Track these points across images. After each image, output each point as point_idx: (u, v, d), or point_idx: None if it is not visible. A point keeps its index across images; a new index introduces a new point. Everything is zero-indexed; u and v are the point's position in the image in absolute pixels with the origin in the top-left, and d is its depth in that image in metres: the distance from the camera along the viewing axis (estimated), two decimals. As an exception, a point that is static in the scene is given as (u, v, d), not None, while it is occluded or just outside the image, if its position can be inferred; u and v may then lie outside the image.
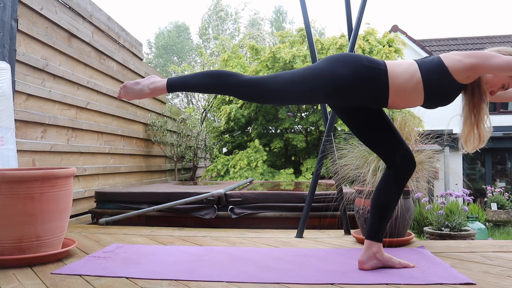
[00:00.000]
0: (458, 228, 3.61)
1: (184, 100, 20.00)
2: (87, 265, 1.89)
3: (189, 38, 24.76)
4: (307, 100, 1.94)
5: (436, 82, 1.66)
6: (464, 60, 1.63)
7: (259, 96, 1.77)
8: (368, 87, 1.69)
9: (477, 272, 1.78)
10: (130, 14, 37.05)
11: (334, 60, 1.70)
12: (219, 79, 1.75)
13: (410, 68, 1.68)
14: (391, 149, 1.82)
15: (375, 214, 1.82)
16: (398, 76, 1.67)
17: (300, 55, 7.29)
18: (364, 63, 1.68)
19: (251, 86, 1.72)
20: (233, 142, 8.24)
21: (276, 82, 1.71)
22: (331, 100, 1.78)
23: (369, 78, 1.67)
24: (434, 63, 1.67)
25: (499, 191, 7.86)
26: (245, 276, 1.72)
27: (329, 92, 1.70)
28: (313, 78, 1.68)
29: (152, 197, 3.58)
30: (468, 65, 1.63)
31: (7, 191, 1.87)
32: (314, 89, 1.69)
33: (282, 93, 1.73)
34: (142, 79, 1.81)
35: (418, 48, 13.37)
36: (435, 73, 1.66)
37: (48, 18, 3.52)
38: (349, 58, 1.70)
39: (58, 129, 3.66)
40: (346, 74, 1.65)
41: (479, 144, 1.74)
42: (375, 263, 1.81)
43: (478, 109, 1.72)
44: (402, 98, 1.70)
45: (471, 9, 41.38)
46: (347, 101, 1.76)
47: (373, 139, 1.87)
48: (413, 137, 2.43)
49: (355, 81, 1.66)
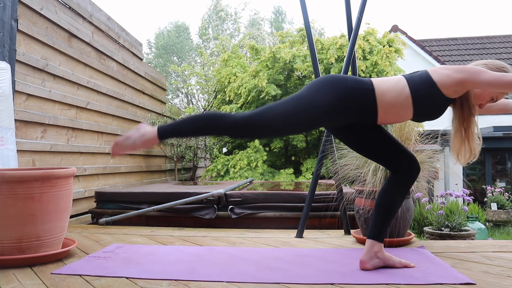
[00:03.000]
0: (458, 228, 3.61)
1: (184, 100, 20.00)
2: (87, 265, 1.89)
3: (189, 38, 24.75)
4: (304, 129, 1.93)
5: (424, 97, 1.66)
6: (452, 75, 1.64)
7: (255, 135, 1.80)
8: (356, 109, 1.69)
9: (477, 272, 1.78)
10: (130, 14, 37.05)
11: (321, 85, 1.69)
12: (209, 122, 1.75)
13: (398, 84, 1.68)
14: (394, 157, 1.83)
15: (379, 215, 1.83)
16: (386, 93, 1.67)
17: (300, 55, 7.29)
18: (350, 85, 1.68)
19: (245, 125, 1.71)
20: (233, 142, 8.23)
21: (269, 120, 1.70)
22: (324, 124, 1.81)
23: (357, 101, 1.67)
24: (423, 78, 1.68)
25: (499, 191, 7.85)
26: (245, 276, 1.72)
27: (322, 119, 1.71)
28: (304, 109, 1.67)
29: (152, 197, 3.58)
30: (457, 80, 1.63)
31: (7, 191, 1.87)
32: (307, 119, 1.69)
33: (277, 129, 1.76)
34: (132, 132, 1.78)
35: (418, 48, 13.36)
36: (424, 88, 1.66)
37: (48, 18, 3.52)
38: (335, 82, 1.69)
39: (58, 129, 3.66)
40: (335, 99, 1.65)
41: (470, 157, 1.74)
42: (377, 263, 1.81)
43: (468, 122, 1.73)
44: (390, 114, 1.71)
45: (471, 9, 41.39)
46: (338, 123, 1.78)
47: (373, 151, 1.88)
48: (413, 137, 2.43)
49: (343, 105, 1.67)
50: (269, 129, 1.75)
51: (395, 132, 2.43)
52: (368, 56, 7.43)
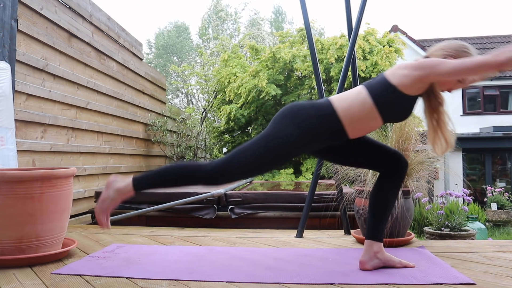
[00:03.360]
0: (458, 228, 3.61)
1: (184, 100, 20.01)
2: (87, 265, 1.89)
3: (189, 38, 24.75)
4: (278, 164, 1.87)
5: (389, 102, 1.63)
6: (411, 74, 1.61)
7: (231, 180, 1.76)
8: (324, 135, 1.68)
9: (477, 272, 1.78)
10: (130, 14, 37.06)
11: (284, 121, 1.68)
12: (184, 175, 1.75)
13: (359, 97, 1.66)
14: (381, 160, 1.82)
15: (374, 215, 1.83)
16: (349, 110, 1.64)
17: (300, 55, 7.30)
18: (312, 114, 1.66)
19: (219, 173, 1.71)
20: (233, 142, 8.24)
21: (241, 164, 1.70)
22: (298, 155, 1.78)
23: (322, 128, 1.66)
24: (382, 84, 1.65)
25: (499, 191, 7.85)
26: (245, 276, 1.72)
27: (293, 152, 1.70)
28: (273, 147, 1.66)
29: (152, 197, 3.57)
30: (416, 78, 1.61)
31: (7, 191, 1.87)
32: (279, 155, 1.69)
33: (251, 171, 1.75)
34: (106, 193, 1.78)
35: (418, 48, 13.36)
36: (385, 94, 1.63)
37: (48, 18, 3.52)
38: (296, 115, 1.67)
39: (58, 129, 3.66)
40: (300, 132, 1.64)
41: (447, 148, 1.71)
42: (376, 263, 1.80)
43: (438, 113, 1.70)
44: (360, 128, 1.69)
45: (471, 9, 41.39)
46: (312, 150, 1.78)
47: (360, 161, 1.87)
48: (413, 137, 2.43)
49: (310, 135, 1.66)
50: (243, 173, 1.75)
51: (395, 132, 2.43)
52: (368, 56, 7.44)
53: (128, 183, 1.76)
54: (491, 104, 13.34)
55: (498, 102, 13.24)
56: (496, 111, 13.22)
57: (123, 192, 1.77)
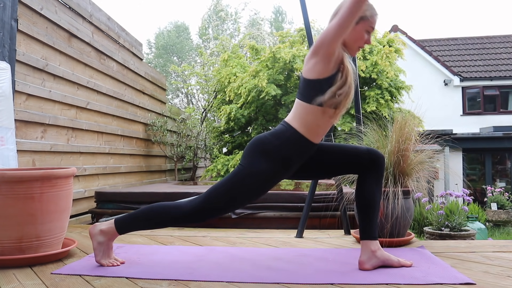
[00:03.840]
0: (458, 228, 3.61)
1: (184, 100, 20.01)
2: (87, 265, 1.89)
3: (189, 38, 24.75)
4: (258, 196, 1.88)
5: (320, 96, 1.65)
6: (317, 59, 1.64)
7: (209, 217, 1.80)
8: (297, 157, 1.74)
9: (477, 272, 1.78)
10: (130, 14, 37.05)
11: (254, 156, 1.71)
12: (162, 217, 1.78)
13: (301, 107, 1.70)
14: (353, 162, 1.83)
15: (363, 214, 1.83)
16: (303, 122, 1.70)
17: (300, 55, 7.29)
18: (277, 144, 1.70)
19: (197, 212, 1.74)
20: (233, 142, 8.24)
21: (219, 201, 1.74)
22: (279, 181, 1.80)
23: (292, 151, 1.71)
24: (306, 85, 1.69)
25: (499, 191, 7.85)
26: (245, 276, 1.72)
27: (272, 181, 1.75)
28: (248, 185, 1.71)
29: (152, 197, 3.57)
30: (323, 58, 1.62)
31: (7, 191, 1.87)
32: (257, 190, 1.74)
33: (227, 210, 1.79)
34: (94, 243, 1.84)
35: (418, 48, 13.36)
36: (314, 90, 1.66)
37: (48, 18, 3.52)
38: (263, 149, 1.70)
39: (58, 129, 3.66)
40: (272, 163, 1.69)
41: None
42: (375, 262, 1.80)
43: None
44: (320, 132, 1.74)
45: (471, 9, 41.39)
46: (290, 173, 1.80)
47: (334, 169, 1.88)
48: (413, 137, 2.43)
49: (283, 163, 1.71)
50: (222, 211, 1.79)
51: (395, 132, 2.43)
52: (368, 56, 7.44)
53: (110, 224, 1.82)
54: (491, 104, 13.34)
55: (498, 102, 13.24)
56: (496, 111, 13.22)
57: (109, 232, 1.83)
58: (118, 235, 1.84)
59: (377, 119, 2.61)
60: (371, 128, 2.56)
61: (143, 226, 1.86)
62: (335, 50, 1.64)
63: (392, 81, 7.55)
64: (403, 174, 2.40)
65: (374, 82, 7.64)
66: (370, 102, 7.24)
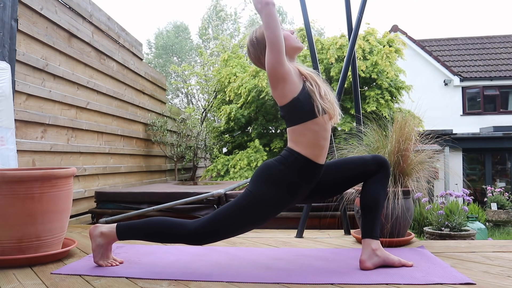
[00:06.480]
0: (458, 228, 3.61)
1: (184, 100, 20.01)
2: (87, 265, 1.89)
3: (189, 38, 24.74)
4: (265, 221, 1.88)
5: (301, 109, 1.71)
6: (279, 85, 1.71)
7: (212, 241, 1.80)
8: (306, 180, 1.76)
9: (477, 272, 1.78)
10: (130, 14, 37.06)
11: (260, 181, 1.74)
12: (165, 232, 1.78)
13: (295, 132, 1.74)
14: (362, 172, 1.85)
15: (367, 214, 1.85)
16: (304, 144, 1.73)
17: (300, 55, 7.29)
18: (281, 169, 1.73)
19: (201, 234, 1.74)
20: (233, 142, 8.24)
21: (227, 226, 1.74)
22: (288, 207, 1.81)
23: (301, 175, 1.74)
24: (284, 110, 1.76)
25: (499, 191, 7.85)
26: (245, 276, 1.72)
27: (283, 206, 1.76)
28: (256, 211, 1.73)
29: (152, 197, 3.58)
30: (283, 81, 1.69)
31: (7, 191, 1.87)
32: (267, 216, 1.77)
33: (232, 234, 1.81)
34: (93, 244, 1.84)
35: (418, 48, 13.37)
36: (296, 111, 1.72)
37: (48, 18, 3.52)
38: (271, 177, 1.73)
39: (58, 129, 3.66)
40: (277, 190, 1.72)
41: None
42: (376, 260, 1.81)
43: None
44: (323, 148, 1.77)
45: (471, 9, 41.40)
46: (299, 200, 1.83)
47: (345, 183, 1.89)
48: (413, 137, 2.43)
49: (287, 190, 1.73)
50: (226, 235, 1.80)
51: (395, 132, 2.43)
52: (368, 56, 7.44)
53: (112, 228, 1.82)
54: (491, 104, 13.34)
55: (498, 102, 13.25)
56: (496, 111, 13.22)
57: (109, 236, 1.83)
58: (118, 240, 1.84)
59: (377, 119, 2.61)
60: (371, 128, 2.56)
61: (144, 237, 1.84)
62: (287, 68, 1.69)
63: (392, 81, 7.55)
64: (403, 174, 2.40)
65: (374, 82, 7.64)
66: (370, 102, 7.24)
